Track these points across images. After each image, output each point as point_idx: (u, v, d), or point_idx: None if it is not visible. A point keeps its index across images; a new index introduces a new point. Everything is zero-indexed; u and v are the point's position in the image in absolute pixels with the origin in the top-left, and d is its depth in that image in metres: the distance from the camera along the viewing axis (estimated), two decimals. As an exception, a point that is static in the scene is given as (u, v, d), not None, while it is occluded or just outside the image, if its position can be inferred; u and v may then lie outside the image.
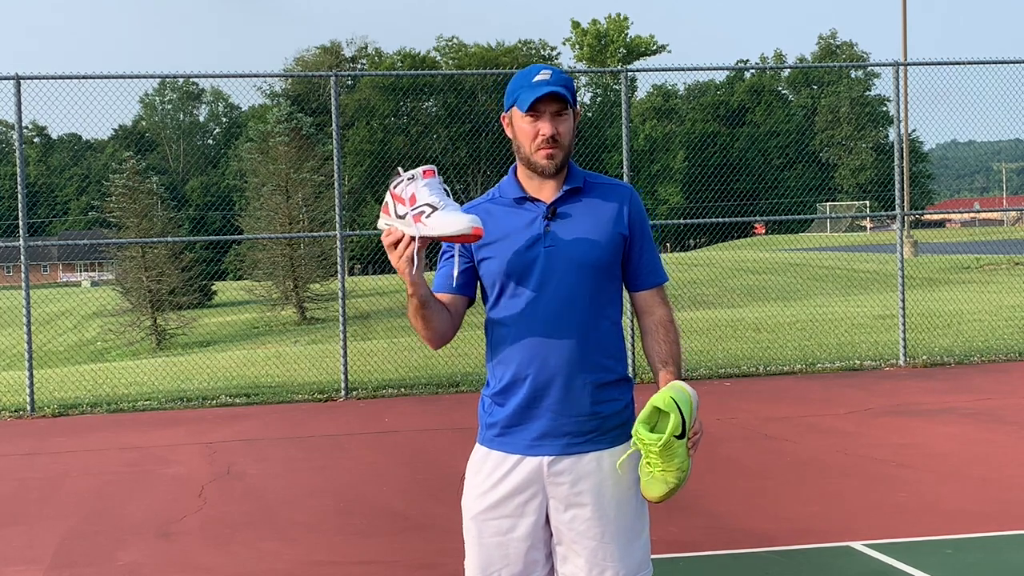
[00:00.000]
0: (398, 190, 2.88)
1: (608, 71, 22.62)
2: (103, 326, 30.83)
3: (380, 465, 8.56)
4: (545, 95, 2.97)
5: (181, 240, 24.97)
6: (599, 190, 3.11)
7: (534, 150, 3.01)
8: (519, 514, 3.01)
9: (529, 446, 3.01)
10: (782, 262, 32.22)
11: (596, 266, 3.02)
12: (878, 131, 77.19)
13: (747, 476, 7.63)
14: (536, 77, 2.99)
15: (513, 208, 3.07)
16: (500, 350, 3.05)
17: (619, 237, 3.06)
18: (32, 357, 11.58)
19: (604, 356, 3.02)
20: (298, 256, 32.51)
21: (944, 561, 5.56)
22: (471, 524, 3.08)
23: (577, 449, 3.01)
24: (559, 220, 3.04)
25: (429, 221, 2.81)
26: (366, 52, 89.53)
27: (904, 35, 36.96)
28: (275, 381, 13.42)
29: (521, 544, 3.02)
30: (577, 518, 3.00)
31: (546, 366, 2.98)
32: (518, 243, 3.00)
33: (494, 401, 3.08)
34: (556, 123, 2.99)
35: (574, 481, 3.00)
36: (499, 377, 3.05)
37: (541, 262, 2.99)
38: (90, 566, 6.01)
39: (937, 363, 12.93)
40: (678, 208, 67.76)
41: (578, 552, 3.01)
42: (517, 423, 3.02)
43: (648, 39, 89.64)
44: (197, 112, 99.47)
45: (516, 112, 3.02)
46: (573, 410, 2.99)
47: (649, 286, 3.14)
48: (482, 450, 3.10)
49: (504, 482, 3.03)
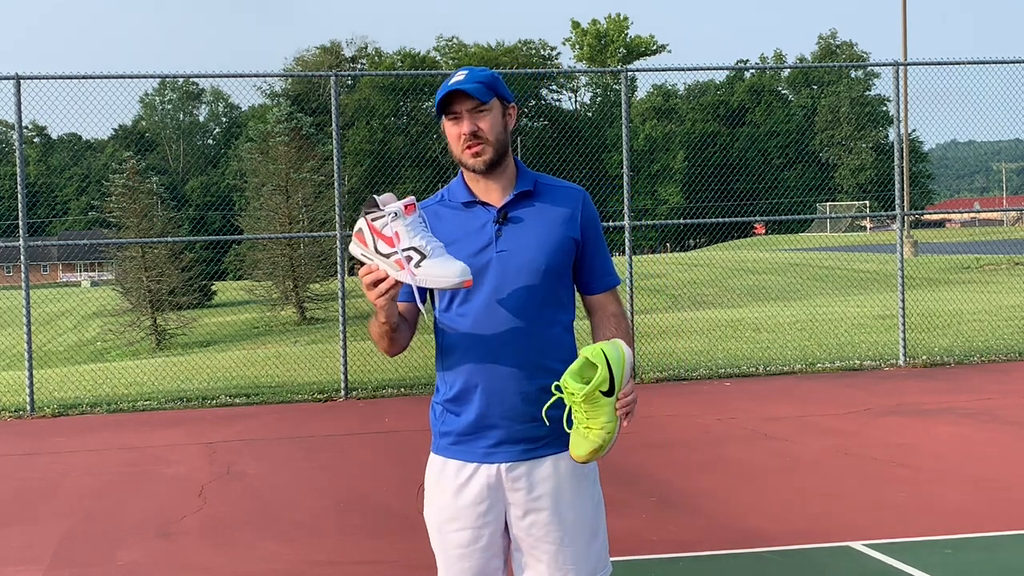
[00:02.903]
0: (378, 224, 2.79)
1: (608, 71, 22.63)
2: (103, 326, 30.83)
3: (380, 465, 8.56)
4: (454, 94, 2.94)
5: (181, 240, 24.96)
6: (551, 193, 3.06)
7: (461, 151, 2.98)
8: (480, 524, 2.99)
9: (486, 454, 2.98)
10: (782, 262, 32.23)
11: (547, 271, 2.97)
12: (878, 131, 77.23)
13: (747, 476, 7.62)
14: (451, 80, 2.97)
15: (462, 211, 3.03)
16: (450, 356, 3.01)
17: (571, 241, 3.03)
18: (32, 357, 11.58)
19: (556, 361, 2.98)
20: (298, 256, 32.50)
21: (944, 561, 5.56)
22: (435, 535, 3.07)
23: (533, 454, 2.98)
24: (510, 224, 2.99)
25: (420, 272, 2.76)
26: (366, 52, 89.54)
27: (904, 35, 36.97)
28: (275, 381, 13.42)
29: (483, 554, 3.01)
30: (536, 524, 2.98)
31: (497, 373, 2.94)
32: (468, 248, 2.95)
33: (446, 409, 3.04)
34: (475, 120, 2.95)
35: (531, 486, 2.98)
36: (450, 384, 3.01)
37: (492, 267, 2.95)
38: (90, 566, 6.01)
39: (937, 363, 12.93)
40: (678, 208, 67.79)
41: (538, 558, 2.99)
42: (472, 432, 2.99)
43: (648, 39, 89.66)
44: (197, 112, 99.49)
45: (443, 119, 3.00)
46: (527, 416, 2.96)
47: (602, 289, 3.11)
48: (438, 460, 3.06)
49: (464, 491, 3.00)
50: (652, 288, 26.15)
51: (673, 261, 35.80)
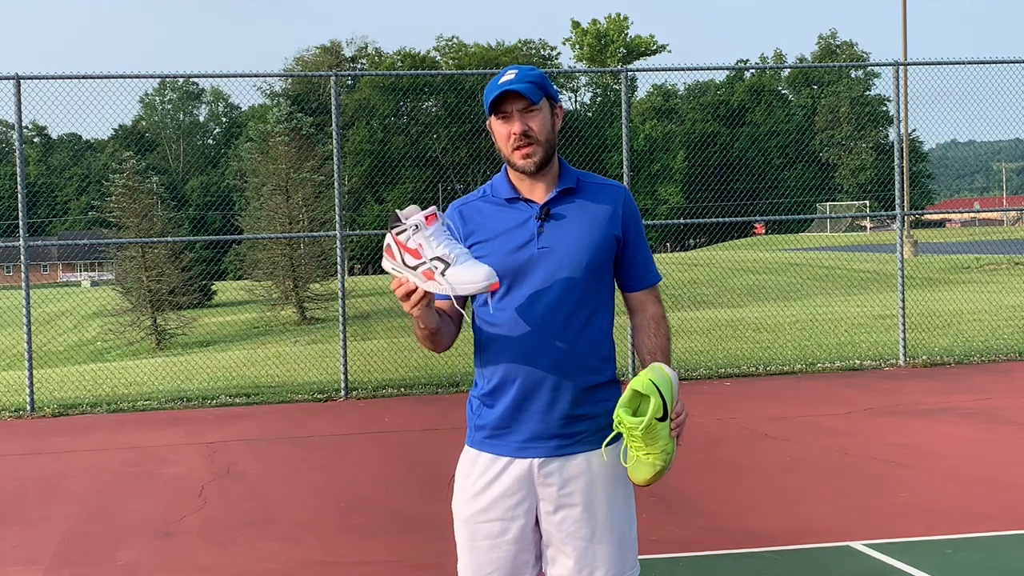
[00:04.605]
0: (403, 238, 2.84)
1: (608, 71, 22.61)
2: (103, 326, 30.84)
3: (380, 465, 8.56)
4: (506, 94, 2.95)
5: (181, 240, 24.97)
6: (592, 190, 3.08)
7: (510, 151, 3.00)
8: (510, 517, 3.00)
9: (518, 448, 3.00)
10: (782, 262, 32.23)
11: (589, 268, 2.99)
12: (878, 131, 77.23)
13: (747, 476, 7.62)
14: (501, 79, 2.98)
15: (504, 208, 3.05)
16: (489, 351, 3.03)
17: (612, 239, 3.04)
18: (32, 357, 11.58)
19: (594, 359, 3.00)
20: (298, 256, 32.52)
21: (944, 561, 5.55)
22: (463, 527, 3.07)
23: (566, 451, 2.99)
24: (552, 221, 3.01)
25: (443, 280, 2.80)
26: (366, 52, 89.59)
27: (904, 35, 36.98)
28: (275, 381, 13.42)
29: (512, 547, 3.01)
30: (567, 519, 2.99)
31: (535, 369, 2.96)
32: (510, 244, 2.97)
33: (483, 403, 3.06)
34: (526, 119, 2.97)
35: (563, 483, 2.99)
36: (488, 378, 3.03)
37: (533, 264, 2.97)
38: (90, 566, 6.01)
39: (937, 363, 12.93)
40: (678, 208, 67.80)
41: (567, 553, 3.00)
42: (506, 425, 3.00)
43: (648, 39, 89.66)
44: (197, 112, 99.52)
45: (492, 118, 3.02)
46: (562, 413, 2.98)
47: (643, 287, 3.13)
48: (472, 452, 3.08)
49: (495, 485, 3.01)
50: (652, 288, 26.09)
51: (673, 261, 35.80)
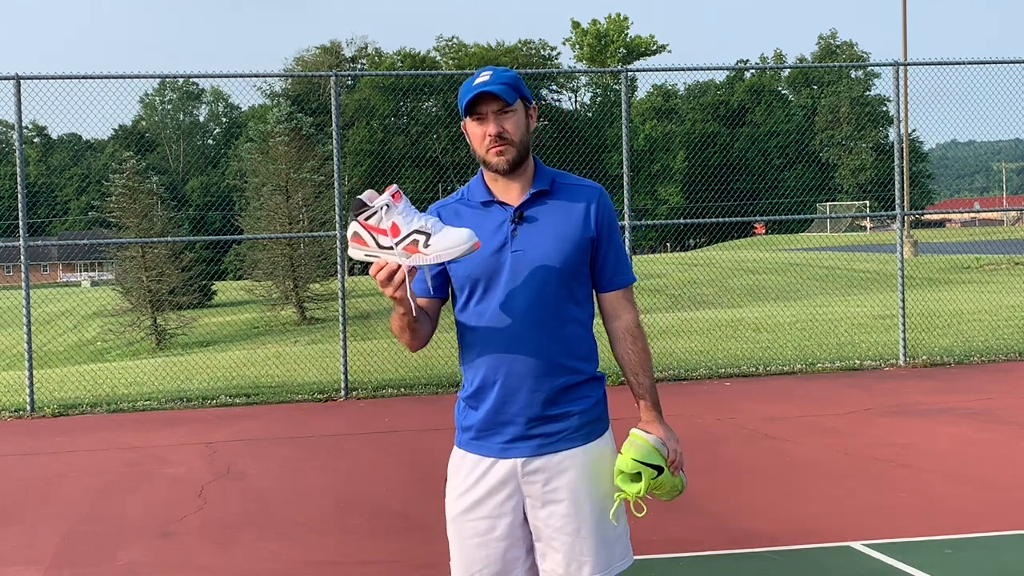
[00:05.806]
0: (372, 221, 2.81)
1: (608, 71, 22.60)
2: (103, 326, 30.82)
3: (380, 465, 8.56)
4: (481, 96, 2.97)
5: (181, 240, 24.98)
6: (567, 191, 3.09)
7: (485, 151, 3.02)
8: (497, 515, 3.04)
9: (502, 449, 3.04)
10: (782, 262, 32.23)
11: (563, 270, 3.01)
12: (878, 131, 77.25)
13: (747, 476, 7.62)
14: (476, 80, 3.01)
15: (480, 211, 3.07)
16: (470, 354, 3.07)
17: (586, 240, 3.05)
18: (32, 357, 11.58)
19: (573, 359, 3.03)
20: (298, 256, 32.51)
21: (944, 561, 5.55)
22: (452, 526, 3.11)
23: (549, 449, 3.02)
24: (526, 224, 3.03)
25: (429, 249, 2.80)
26: (366, 52, 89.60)
27: (904, 35, 36.98)
28: (275, 381, 13.41)
29: (501, 544, 3.05)
30: (554, 514, 3.02)
31: (514, 371, 2.99)
32: (485, 248, 2.98)
33: (467, 404, 3.11)
34: (501, 121, 2.99)
35: (548, 479, 3.02)
36: (471, 380, 3.08)
37: (508, 267, 2.99)
38: (90, 566, 6.01)
39: (937, 363, 12.93)
40: (678, 208, 67.82)
41: (556, 548, 3.03)
42: (489, 427, 3.05)
43: (648, 39, 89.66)
44: (197, 112, 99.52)
45: (467, 119, 3.04)
46: (543, 413, 3.01)
47: (616, 287, 3.13)
48: (459, 452, 3.13)
49: (480, 484, 3.05)
50: (652, 288, 26.18)
51: (673, 261, 35.83)
